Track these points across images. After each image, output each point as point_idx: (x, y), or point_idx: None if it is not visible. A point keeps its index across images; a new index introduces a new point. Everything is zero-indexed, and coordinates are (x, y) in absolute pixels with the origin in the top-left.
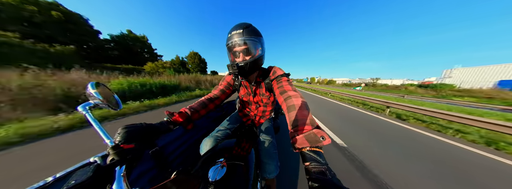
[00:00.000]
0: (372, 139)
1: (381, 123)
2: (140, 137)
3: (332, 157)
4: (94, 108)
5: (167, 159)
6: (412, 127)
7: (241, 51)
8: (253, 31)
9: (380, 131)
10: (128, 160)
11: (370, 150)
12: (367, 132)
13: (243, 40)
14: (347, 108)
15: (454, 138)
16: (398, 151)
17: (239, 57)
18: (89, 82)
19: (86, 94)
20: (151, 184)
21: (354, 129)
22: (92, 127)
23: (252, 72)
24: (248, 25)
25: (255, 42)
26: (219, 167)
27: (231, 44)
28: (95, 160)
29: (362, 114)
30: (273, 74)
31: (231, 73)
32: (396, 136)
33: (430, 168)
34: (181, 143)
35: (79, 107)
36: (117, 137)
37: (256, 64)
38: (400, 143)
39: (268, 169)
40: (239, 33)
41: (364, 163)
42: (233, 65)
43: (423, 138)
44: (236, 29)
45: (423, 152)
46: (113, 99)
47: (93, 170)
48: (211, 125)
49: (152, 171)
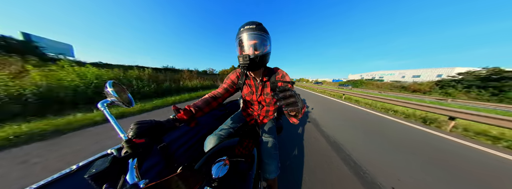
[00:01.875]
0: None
1: (336, 103)
2: (149, 133)
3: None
4: (110, 105)
5: (173, 154)
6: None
7: (252, 45)
8: (264, 29)
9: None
10: (139, 154)
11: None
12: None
13: (255, 35)
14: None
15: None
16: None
17: (249, 51)
18: (107, 81)
19: (104, 92)
20: (159, 177)
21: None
22: (109, 122)
23: (259, 67)
24: (260, 23)
25: (265, 39)
26: (222, 165)
27: (243, 38)
28: (112, 152)
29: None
30: (282, 77)
31: (240, 65)
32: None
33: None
34: (186, 139)
35: (98, 104)
36: (130, 132)
37: (264, 59)
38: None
39: (268, 170)
40: (252, 28)
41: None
42: (245, 56)
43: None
44: (248, 25)
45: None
46: (126, 98)
47: (110, 161)
48: (215, 123)
49: (159, 165)
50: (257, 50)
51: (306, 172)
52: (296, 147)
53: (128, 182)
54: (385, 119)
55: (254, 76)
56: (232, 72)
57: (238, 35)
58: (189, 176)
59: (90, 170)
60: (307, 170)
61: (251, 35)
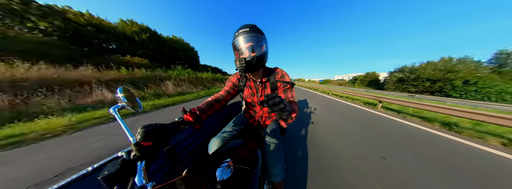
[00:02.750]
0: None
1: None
2: (156, 135)
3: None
4: (121, 109)
5: (179, 156)
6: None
7: (247, 47)
8: (258, 30)
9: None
10: (147, 156)
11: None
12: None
13: (249, 37)
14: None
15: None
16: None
17: (246, 54)
18: (117, 87)
19: (115, 97)
20: (165, 179)
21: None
22: (120, 126)
23: (257, 68)
24: (254, 25)
25: (260, 40)
26: (225, 167)
27: (238, 42)
28: (122, 155)
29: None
30: (282, 77)
31: (238, 68)
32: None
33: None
34: (191, 142)
35: (110, 109)
36: (137, 136)
37: (261, 60)
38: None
39: (273, 172)
40: (245, 31)
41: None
42: (241, 60)
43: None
44: (242, 29)
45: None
46: (135, 102)
47: (120, 163)
48: (219, 126)
49: (165, 167)
50: (254, 51)
51: (311, 176)
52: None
53: (136, 184)
54: (329, 98)
55: (254, 78)
56: (233, 74)
57: (234, 39)
58: (194, 179)
59: (103, 172)
60: (312, 175)
61: (246, 38)
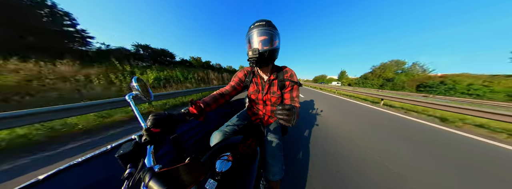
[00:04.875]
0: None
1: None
2: (164, 123)
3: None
4: (135, 97)
5: (183, 145)
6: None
7: (262, 40)
8: (273, 25)
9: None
10: (155, 141)
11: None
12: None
13: (264, 30)
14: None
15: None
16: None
17: (259, 46)
18: (133, 76)
19: (130, 86)
20: (170, 164)
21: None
22: (133, 113)
23: (268, 62)
24: (269, 20)
25: (274, 34)
26: (225, 160)
27: (252, 35)
28: (135, 138)
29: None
30: (290, 76)
31: (249, 59)
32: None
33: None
34: (194, 133)
35: (126, 96)
36: (148, 122)
37: (273, 55)
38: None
39: (272, 171)
40: (262, 25)
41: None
42: (255, 50)
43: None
44: (258, 22)
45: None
46: (147, 92)
47: (133, 145)
48: (221, 120)
49: (171, 153)
50: (267, 45)
51: (311, 177)
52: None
53: (146, 164)
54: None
55: (261, 75)
56: (240, 70)
57: (249, 32)
58: (195, 167)
59: (119, 151)
60: (312, 176)
61: (261, 31)
